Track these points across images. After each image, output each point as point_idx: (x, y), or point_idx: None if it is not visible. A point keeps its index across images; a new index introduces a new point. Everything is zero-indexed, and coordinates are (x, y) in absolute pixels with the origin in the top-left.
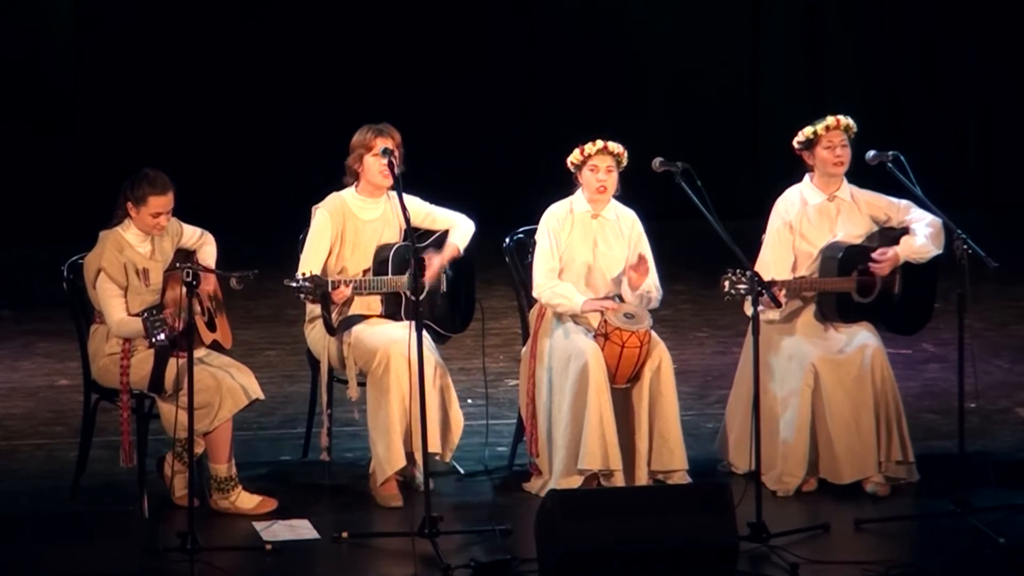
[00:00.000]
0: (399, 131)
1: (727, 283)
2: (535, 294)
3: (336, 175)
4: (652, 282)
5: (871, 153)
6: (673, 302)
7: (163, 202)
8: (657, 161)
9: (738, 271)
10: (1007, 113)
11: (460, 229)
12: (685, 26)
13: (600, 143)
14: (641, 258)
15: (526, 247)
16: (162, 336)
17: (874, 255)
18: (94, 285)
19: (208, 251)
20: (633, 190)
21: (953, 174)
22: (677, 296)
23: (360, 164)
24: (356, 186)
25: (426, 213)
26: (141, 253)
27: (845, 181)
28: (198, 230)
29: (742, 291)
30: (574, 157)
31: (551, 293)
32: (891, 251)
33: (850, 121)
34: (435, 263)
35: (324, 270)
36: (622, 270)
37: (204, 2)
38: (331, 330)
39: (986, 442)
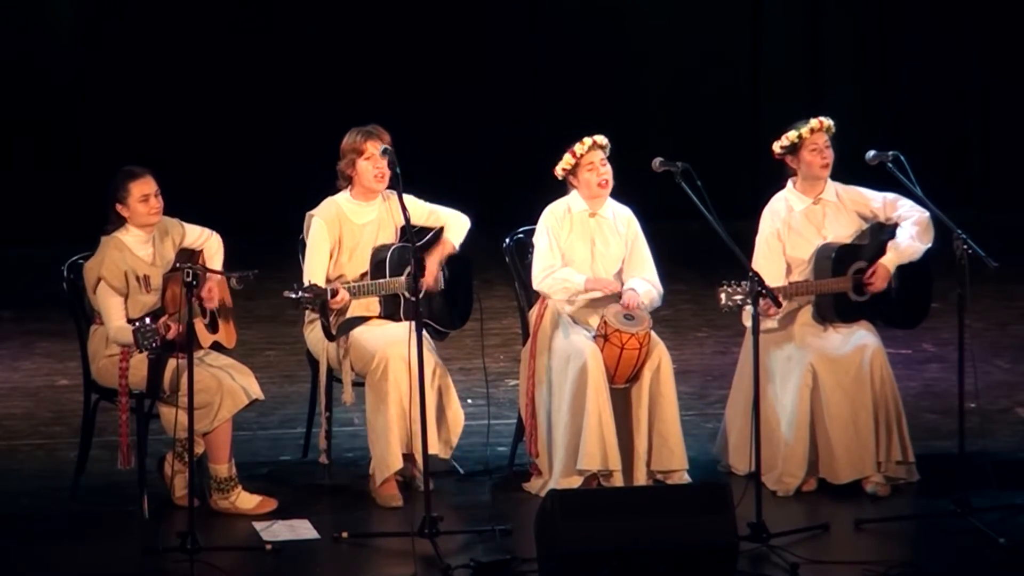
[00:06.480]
0: (398, 132)
1: (723, 295)
2: (535, 286)
3: (336, 175)
4: (652, 281)
5: (871, 153)
6: (673, 302)
7: (144, 183)
8: (657, 161)
9: (732, 282)
10: (1007, 113)
11: (455, 227)
12: (685, 26)
13: (588, 140)
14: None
15: (526, 247)
16: (155, 345)
17: (864, 277)
18: (94, 291)
19: (215, 254)
20: (633, 190)
21: (953, 175)
22: (677, 296)
23: (353, 169)
24: (350, 190)
25: (428, 212)
26: (142, 258)
27: (829, 181)
28: (203, 230)
29: (739, 302)
30: (566, 163)
31: (552, 280)
32: (879, 267)
33: (831, 122)
34: (432, 266)
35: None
36: (620, 268)
37: (205, 3)
38: (330, 336)
39: (986, 442)
